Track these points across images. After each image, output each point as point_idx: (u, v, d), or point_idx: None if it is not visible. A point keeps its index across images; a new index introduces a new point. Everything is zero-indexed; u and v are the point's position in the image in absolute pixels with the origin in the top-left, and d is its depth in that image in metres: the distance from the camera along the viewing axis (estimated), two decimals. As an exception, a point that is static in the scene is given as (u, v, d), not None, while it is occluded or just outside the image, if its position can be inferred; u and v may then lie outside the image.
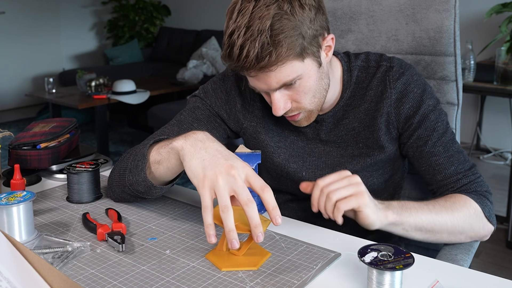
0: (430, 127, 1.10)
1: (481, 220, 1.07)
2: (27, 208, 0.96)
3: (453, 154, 1.11)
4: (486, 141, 4.03)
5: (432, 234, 1.03)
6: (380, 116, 1.12)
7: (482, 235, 1.09)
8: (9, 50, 5.73)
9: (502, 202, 3.05)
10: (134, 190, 1.05)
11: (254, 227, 0.83)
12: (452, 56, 1.27)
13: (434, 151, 1.10)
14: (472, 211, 1.06)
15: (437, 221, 1.02)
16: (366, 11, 1.37)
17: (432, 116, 1.10)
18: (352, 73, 1.14)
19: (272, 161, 1.18)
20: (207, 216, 0.83)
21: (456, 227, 1.04)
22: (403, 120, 1.12)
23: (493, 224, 1.09)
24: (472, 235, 1.07)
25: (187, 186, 1.51)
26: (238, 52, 0.93)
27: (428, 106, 1.11)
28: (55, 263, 0.87)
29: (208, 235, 0.84)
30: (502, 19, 3.08)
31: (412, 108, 1.10)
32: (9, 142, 1.27)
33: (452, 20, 1.25)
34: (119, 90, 4.05)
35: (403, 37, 1.33)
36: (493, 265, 2.46)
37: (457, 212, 1.04)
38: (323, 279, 0.84)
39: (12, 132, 1.19)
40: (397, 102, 1.11)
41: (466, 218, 1.05)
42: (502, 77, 2.74)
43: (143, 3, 6.36)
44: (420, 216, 1.01)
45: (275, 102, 1.01)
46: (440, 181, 1.11)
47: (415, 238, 1.04)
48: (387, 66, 1.13)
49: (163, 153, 0.97)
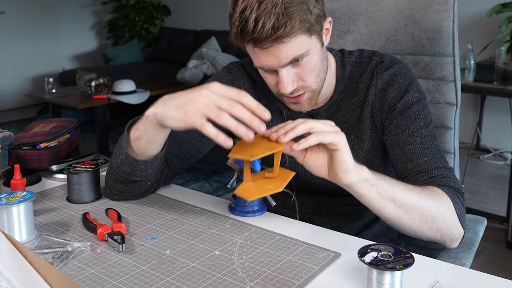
0: (411, 117, 1.09)
1: (454, 217, 1.00)
2: (27, 208, 0.96)
3: (429, 147, 1.07)
4: (486, 141, 4.03)
5: (405, 211, 0.96)
6: (367, 105, 1.13)
7: (453, 235, 1.02)
8: (9, 50, 5.73)
9: (502, 202, 3.05)
10: (121, 172, 1.07)
11: (255, 109, 0.86)
12: (451, 56, 1.27)
13: (411, 140, 1.08)
14: (445, 204, 1.00)
15: (412, 198, 0.97)
16: (365, 12, 1.37)
17: (415, 107, 1.10)
18: (346, 68, 1.17)
19: (268, 156, 1.19)
20: (219, 136, 0.86)
21: (430, 212, 0.97)
22: (386, 109, 1.12)
23: (464, 227, 1.03)
24: (443, 229, 1.00)
25: (187, 186, 1.51)
26: (253, 25, 0.95)
27: (412, 97, 1.11)
28: (55, 263, 0.87)
29: (224, 141, 0.86)
30: (502, 19, 3.08)
31: (395, 98, 1.11)
32: (9, 142, 1.27)
33: (450, 21, 1.26)
34: (119, 90, 4.05)
35: (402, 38, 1.33)
36: (493, 265, 2.46)
37: (432, 198, 0.98)
38: (323, 279, 0.84)
39: (12, 132, 1.19)
40: (382, 92, 1.12)
41: (439, 208, 0.98)
42: (502, 77, 2.74)
43: (143, 3, 6.36)
44: (395, 186, 0.96)
45: (283, 78, 1.02)
46: (411, 169, 1.06)
47: (387, 211, 0.96)
48: (377, 61, 1.15)
49: (140, 127, 1.01)
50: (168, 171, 1.16)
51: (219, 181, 3.54)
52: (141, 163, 1.04)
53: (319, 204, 1.19)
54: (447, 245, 1.05)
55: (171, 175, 1.19)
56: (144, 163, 1.05)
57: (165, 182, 1.19)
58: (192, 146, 1.17)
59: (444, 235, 1.01)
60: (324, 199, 1.19)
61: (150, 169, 1.07)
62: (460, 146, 4.31)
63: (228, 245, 0.95)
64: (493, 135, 4.03)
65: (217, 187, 3.44)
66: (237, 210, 1.09)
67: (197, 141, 1.17)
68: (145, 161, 1.04)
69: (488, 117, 3.99)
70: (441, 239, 1.02)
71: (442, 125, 1.30)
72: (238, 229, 1.02)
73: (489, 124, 4.01)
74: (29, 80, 5.97)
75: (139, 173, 1.07)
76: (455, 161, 1.31)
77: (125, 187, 1.11)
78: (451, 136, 1.30)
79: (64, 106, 4.23)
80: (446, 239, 1.02)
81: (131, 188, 1.11)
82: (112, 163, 1.10)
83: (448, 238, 1.02)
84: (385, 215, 0.97)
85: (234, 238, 0.98)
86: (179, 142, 1.15)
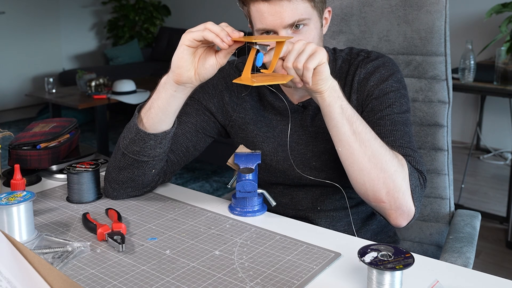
0: (386, 103, 1.11)
1: (406, 184, 0.99)
2: (27, 208, 0.96)
3: (398, 130, 1.08)
4: (486, 141, 4.03)
5: (358, 140, 0.99)
6: (353, 94, 1.16)
7: (399, 203, 1.00)
8: (9, 50, 5.73)
9: (502, 202, 3.05)
10: (130, 153, 1.09)
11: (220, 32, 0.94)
12: (443, 55, 1.30)
13: (380, 122, 1.09)
14: (401, 166, 1.00)
15: (369, 135, 0.99)
16: (358, 13, 1.38)
17: (391, 95, 1.11)
18: (337, 63, 1.20)
19: (262, 151, 1.20)
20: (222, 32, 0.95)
21: (381, 157, 0.98)
22: (365, 96, 1.14)
23: (415, 206, 1.01)
24: (391, 185, 0.99)
25: (187, 186, 1.51)
26: None
27: (390, 86, 1.12)
28: (55, 263, 0.87)
29: (224, 36, 0.94)
30: (502, 19, 3.08)
31: (374, 86, 1.13)
32: (9, 142, 1.27)
33: (442, 21, 1.29)
34: (119, 90, 4.05)
35: (395, 38, 1.35)
36: (493, 265, 2.46)
37: (389, 151, 1.00)
38: (323, 279, 0.84)
39: (12, 132, 1.19)
40: (364, 80, 1.15)
41: (393, 162, 0.99)
42: (502, 77, 2.74)
43: (143, 3, 6.36)
44: (358, 117, 1.01)
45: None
46: None
47: (342, 131, 1.00)
48: (364, 56, 1.19)
49: (152, 96, 1.07)
50: (166, 166, 1.17)
51: (219, 181, 3.54)
52: (151, 137, 1.07)
53: (314, 200, 1.20)
54: (392, 219, 1.02)
55: (170, 172, 1.19)
56: (154, 137, 1.07)
57: (164, 179, 1.19)
58: (187, 141, 1.19)
59: (391, 195, 0.99)
60: (318, 194, 1.19)
61: (158, 147, 1.08)
62: (460, 146, 4.28)
63: (228, 245, 0.95)
64: (493, 135, 4.02)
65: (217, 187, 3.44)
66: (237, 210, 1.09)
67: (192, 136, 1.19)
68: (155, 135, 1.07)
69: (488, 117, 3.99)
70: (386, 201, 1.00)
71: (435, 123, 1.32)
72: (238, 229, 1.02)
73: (489, 124, 4.01)
74: (29, 80, 5.97)
75: (148, 151, 1.08)
76: (448, 158, 1.34)
77: (130, 174, 1.11)
78: (444, 133, 1.32)
79: (64, 106, 4.22)
80: (392, 205, 1.00)
81: (135, 174, 1.12)
82: (118, 149, 1.12)
83: (394, 204, 1.00)
84: (340, 135, 1.01)
85: (234, 238, 0.98)
86: (174, 137, 1.17)
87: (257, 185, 1.07)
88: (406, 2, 1.32)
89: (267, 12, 1.04)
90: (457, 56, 2.86)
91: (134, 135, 1.08)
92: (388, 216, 1.03)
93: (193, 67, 1.00)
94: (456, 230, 1.22)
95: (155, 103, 1.06)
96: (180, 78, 1.01)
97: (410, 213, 1.02)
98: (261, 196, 1.11)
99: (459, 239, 1.16)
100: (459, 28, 3.93)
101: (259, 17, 1.06)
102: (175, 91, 1.04)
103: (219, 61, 1.00)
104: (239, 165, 1.11)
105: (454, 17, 3.72)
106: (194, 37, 0.96)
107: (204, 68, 1.01)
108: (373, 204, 1.03)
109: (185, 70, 1.00)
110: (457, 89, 2.83)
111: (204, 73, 1.01)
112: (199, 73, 1.01)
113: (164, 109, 1.06)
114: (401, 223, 1.03)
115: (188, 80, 1.01)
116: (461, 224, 1.25)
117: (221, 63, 1.00)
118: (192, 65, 1.00)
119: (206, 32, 0.95)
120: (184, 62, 1.00)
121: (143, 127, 1.07)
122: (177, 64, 1.00)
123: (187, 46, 0.98)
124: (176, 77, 1.01)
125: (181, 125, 1.18)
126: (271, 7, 1.04)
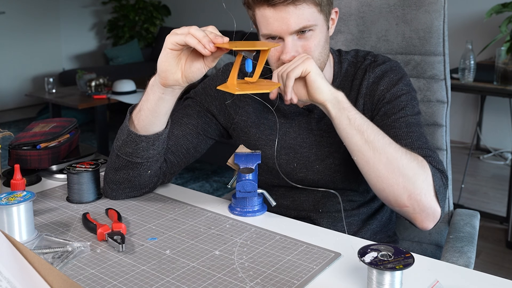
0: (398, 106, 1.11)
1: (429, 186, 0.98)
2: (27, 208, 0.96)
3: (414, 132, 1.07)
4: (486, 141, 4.03)
5: (371, 148, 0.98)
6: (360, 98, 1.15)
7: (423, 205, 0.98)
8: (9, 50, 5.73)
9: (502, 202, 3.05)
10: (123, 154, 1.08)
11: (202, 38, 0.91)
12: (441, 55, 1.31)
13: (396, 125, 1.08)
14: (421, 168, 0.98)
15: (382, 140, 0.98)
16: (356, 12, 1.39)
17: (403, 97, 1.12)
18: (342, 65, 1.20)
19: (264, 153, 1.20)
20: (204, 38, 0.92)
21: (398, 162, 0.97)
22: (376, 100, 1.14)
23: (440, 206, 1.00)
24: (411, 189, 0.97)
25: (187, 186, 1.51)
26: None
27: (401, 89, 1.12)
28: (55, 263, 0.87)
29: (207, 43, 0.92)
30: (502, 19, 3.07)
31: (385, 90, 1.13)
32: (9, 142, 1.27)
33: (441, 21, 1.29)
34: (119, 90, 4.05)
35: (393, 38, 1.35)
36: (493, 265, 2.46)
37: (407, 154, 0.98)
38: (323, 279, 0.84)
39: (12, 132, 1.19)
40: (373, 85, 1.15)
41: (412, 165, 0.97)
42: (502, 77, 2.74)
43: (143, 3, 6.36)
44: (368, 124, 1.00)
45: (288, 44, 1.05)
46: None
47: (354, 141, 0.99)
48: (371, 60, 1.19)
49: (142, 99, 1.06)
50: (166, 167, 1.16)
51: (219, 181, 3.54)
52: (143, 139, 1.06)
53: (316, 202, 1.20)
54: (418, 222, 1.01)
55: (170, 173, 1.19)
56: (146, 139, 1.06)
57: (164, 180, 1.19)
58: (188, 142, 1.18)
59: (413, 199, 0.97)
60: (320, 197, 1.19)
61: (151, 149, 1.08)
62: (460, 146, 4.28)
63: (228, 245, 0.95)
64: (493, 135, 4.02)
65: (217, 187, 3.44)
66: (237, 210, 1.09)
67: (193, 138, 1.19)
68: (147, 137, 1.06)
69: (488, 117, 3.99)
70: (409, 204, 0.98)
71: (434, 123, 1.32)
72: (238, 229, 1.02)
73: (489, 124, 4.01)
74: (29, 80, 5.97)
75: (140, 152, 1.07)
76: (447, 157, 1.34)
77: (125, 175, 1.11)
78: (442, 133, 1.33)
79: (64, 106, 4.22)
80: (416, 208, 0.98)
81: (131, 175, 1.11)
82: (112, 150, 1.12)
83: (418, 207, 0.98)
84: (352, 145, 1.01)
85: (234, 238, 0.98)
86: (174, 138, 1.17)
87: (257, 185, 1.07)
88: (405, 2, 1.32)
89: (273, 18, 1.02)
90: (457, 56, 2.87)
91: (126, 137, 1.07)
92: (413, 220, 1.01)
93: (180, 70, 0.98)
94: (456, 230, 1.22)
95: (145, 105, 1.05)
96: (166, 81, 0.99)
97: (436, 214, 1.00)
98: (261, 196, 1.11)
99: (460, 239, 1.16)
100: (459, 28, 3.93)
101: (264, 22, 1.05)
102: (163, 93, 1.02)
103: (207, 64, 0.98)
104: (239, 165, 1.11)
105: (454, 17, 3.72)
106: (176, 40, 0.94)
107: (191, 71, 0.98)
108: (397, 209, 1.02)
109: (171, 73, 0.98)
110: (457, 89, 2.83)
111: (191, 76, 0.99)
112: (186, 76, 0.99)
113: (154, 111, 1.04)
114: (428, 225, 1.01)
115: (175, 82, 0.99)
116: (460, 223, 1.25)
117: (209, 66, 0.98)
118: (179, 67, 0.98)
119: (188, 38, 0.92)
120: (169, 66, 0.97)
121: (134, 129, 1.07)
122: (162, 67, 0.98)
123: (170, 49, 0.96)
124: (163, 80, 1.00)
125: (182, 127, 1.18)
126: (277, 13, 1.01)
